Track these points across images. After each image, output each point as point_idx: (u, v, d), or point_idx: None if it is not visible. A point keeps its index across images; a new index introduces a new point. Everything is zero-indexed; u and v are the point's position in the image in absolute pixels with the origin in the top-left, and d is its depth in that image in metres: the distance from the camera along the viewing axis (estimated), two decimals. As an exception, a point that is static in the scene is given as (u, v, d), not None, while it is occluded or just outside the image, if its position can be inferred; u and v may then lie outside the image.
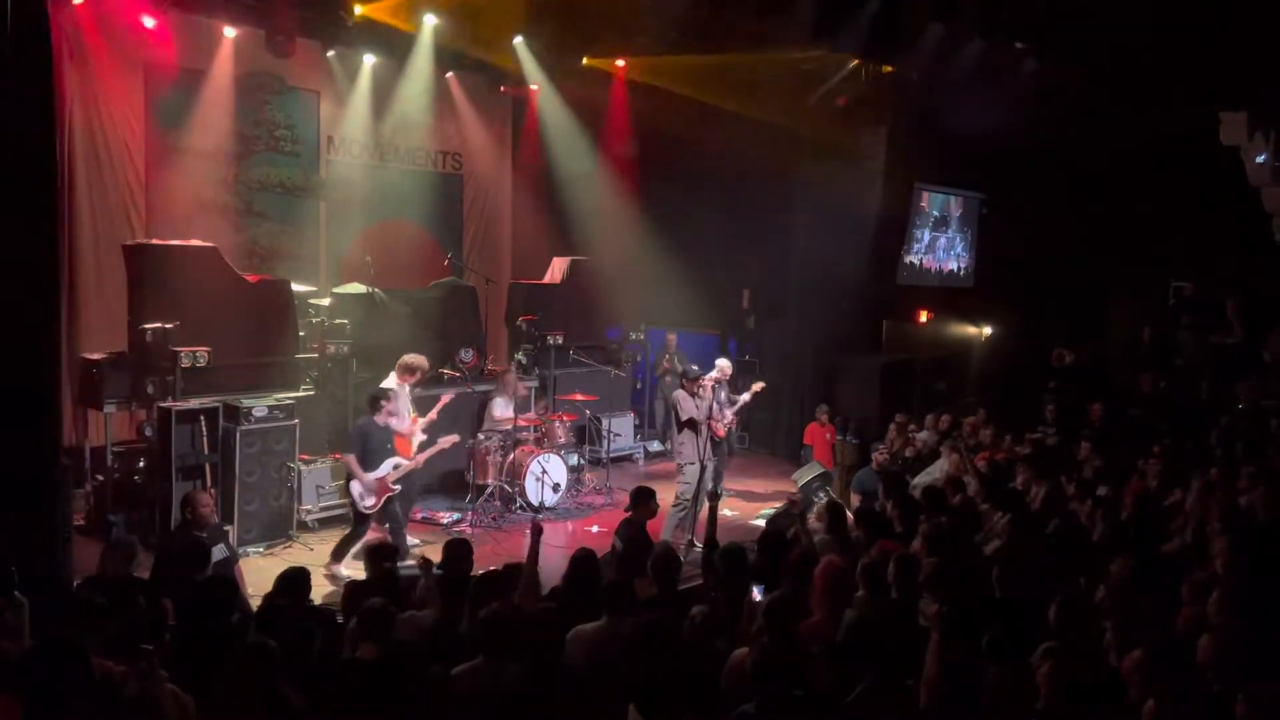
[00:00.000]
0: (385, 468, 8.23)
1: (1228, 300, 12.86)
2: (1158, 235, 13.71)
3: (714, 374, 9.63)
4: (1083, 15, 9.90)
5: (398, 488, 8.33)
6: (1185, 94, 11.96)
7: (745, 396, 10.40)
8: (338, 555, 8.21)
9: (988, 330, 15.67)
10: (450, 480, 10.66)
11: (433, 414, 9.15)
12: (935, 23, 10.01)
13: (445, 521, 9.80)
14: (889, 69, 12.54)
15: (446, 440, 8.82)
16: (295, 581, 5.40)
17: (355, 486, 8.19)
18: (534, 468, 10.20)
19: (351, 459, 8.17)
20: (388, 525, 8.47)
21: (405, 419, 8.80)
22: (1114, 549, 6.31)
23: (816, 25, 10.62)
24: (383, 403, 8.28)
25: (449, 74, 12.98)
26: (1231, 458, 9.38)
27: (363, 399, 9.07)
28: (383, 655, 4.48)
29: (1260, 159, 12.92)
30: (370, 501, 8.17)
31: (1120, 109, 12.25)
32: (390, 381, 8.89)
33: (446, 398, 9.46)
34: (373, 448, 8.20)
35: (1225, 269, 13.38)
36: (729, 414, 10.33)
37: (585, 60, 12.80)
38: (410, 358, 9.02)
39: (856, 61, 12.38)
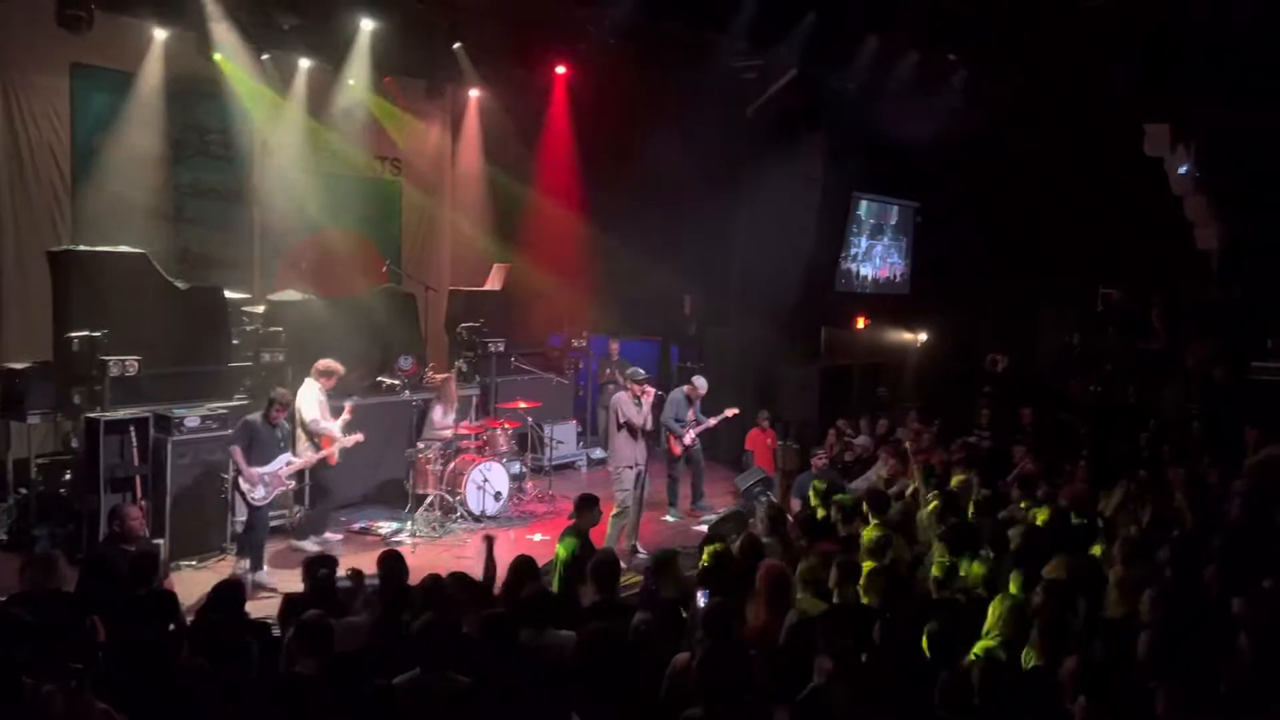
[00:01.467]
0: (278, 463, 8.35)
1: (1153, 307, 13.25)
2: (1086, 244, 14.10)
3: (685, 388, 10.48)
4: (1012, 29, 10.14)
5: (291, 483, 8.59)
6: (1111, 107, 12.33)
7: (712, 421, 10.84)
8: (255, 565, 8.22)
9: (923, 336, 15.95)
10: (389, 490, 10.52)
11: (346, 414, 9.14)
12: (871, 34, 10.17)
13: (384, 532, 9.67)
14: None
15: (349, 439, 9.01)
16: (229, 594, 5.27)
17: (242, 480, 8.23)
18: (475, 476, 10.11)
19: (235, 450, 8.20)
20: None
21: (329, 421, 9.02)
22: (1048, 551, 6.45)
23: (754, 35, 10.71)
24: (277, 406, 8.37)
25: (387, 78, 12.84)
26: (1158, 460, 9.65)
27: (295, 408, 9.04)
28: (322, 669, 4.40)
29: (1182, 170, 13.37)
30: (260, 493, 8.23)
31: (1049, 121, 12.58)
32: (308, 387, 9.05)
33: (351, 405, 9.36)
34: (260, 444, 8.28)
35: (1150, 277, 13.80)
36: (692, 432, 10.52)
37: (525, 66, 12.75)
38: (325, 362, 9.21)
39: (795, 72, 12.53)
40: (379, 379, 10.71)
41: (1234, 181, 13.82)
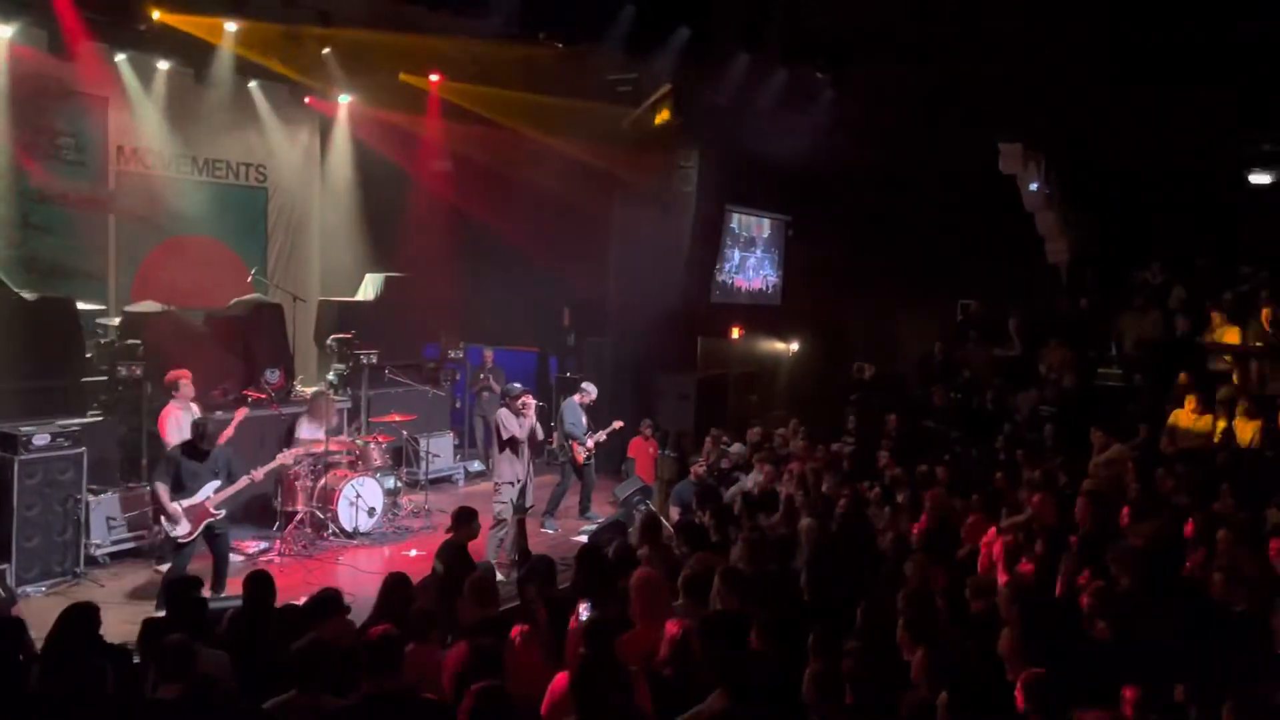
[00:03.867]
0: (205, 491, 7.77)
1: (1008, 317, 13.93)
2: (946, 256, 14.75)
3: (577, 396, 10.64)
4: (875, 49, 10.55)
5: (220, 512, 7.87)
6: (969, 125, 12.95)
7: (603, 435, 11.02)
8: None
9: (795, 346, 16.39)
10: (256, 507, 10.15)
11: (229, 430, 8.73)
12: (742, 51, 10.42)
13: (251, 551, 9.33)
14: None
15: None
16: (80, 618, 4.99)
17: (164, 518, 7.73)
18: (348, 492, 9.86)
19: (159, 487, 7.69)
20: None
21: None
22: (911, 553, 6.72)
23: (629, 48, 10.83)
24: (206, 431, 7.85)
25: (252, 83, 12.44)
26: (1014, 464, 10.14)
27: (155, 424, 8.71)
28: (186, 694, 4.22)
29: (1033, 186, 14.15)
30: (183, 529, 7.67)
31: (911, 138, 13.11)
32: (170, 405, 8.65)
33: (241, 414, 9.03)
34: (189, 475, 7.73)
35: (1006, 288, 14.52)
36: (589, 443, 10.57)
37: (400, 75, 12.55)
38: (170, 374, 8.80)
39: (669, 86, 12.71)
40: (245, 393, 10.33)
41: (1080, 198, 14.73)
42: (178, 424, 8.59)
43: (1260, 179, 13.05)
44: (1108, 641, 5.12)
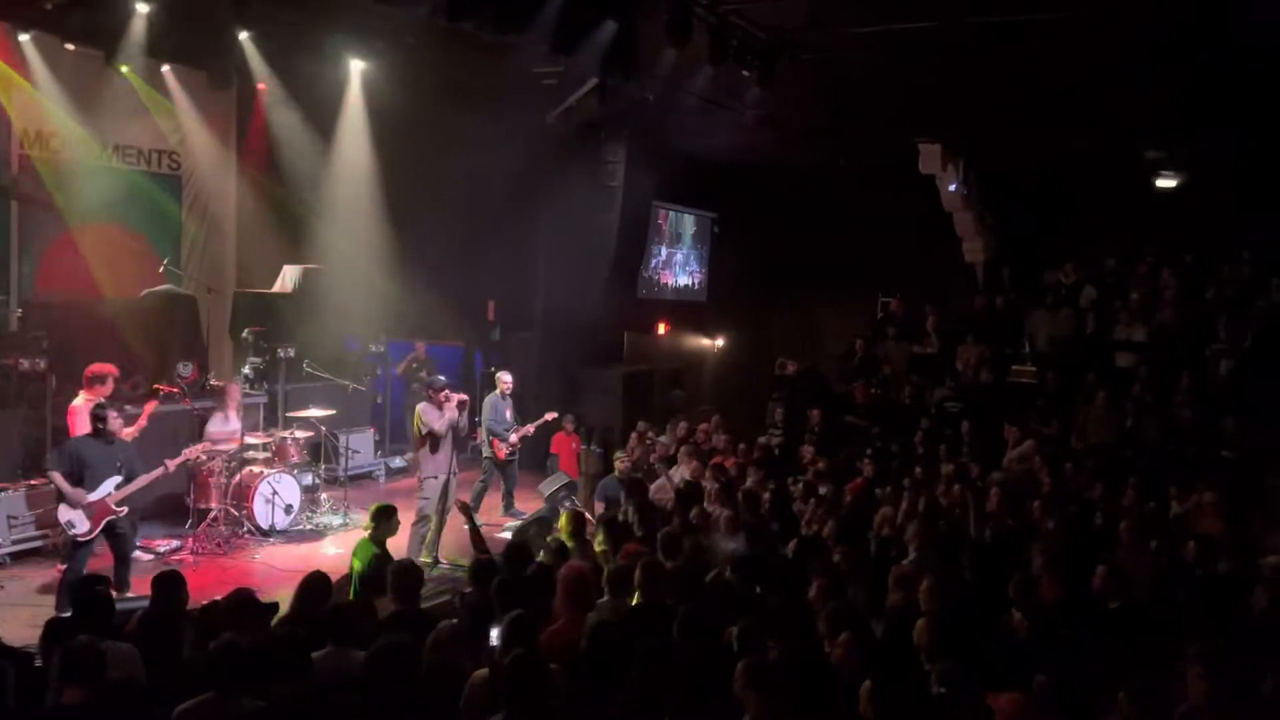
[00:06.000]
0: (106, 487, 7.47)
1: (927, 315, 14.24)
2: (868, 255, 15.01)
3: (497, 389, 10.66)
4: (800, 49, 10.65)
5: (123, 510, 7.57)
6: (890, 126, 13.18)
7: (530, 428, 10.95)
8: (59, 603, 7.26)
9: (720, 342, 16.51)
10: (167, 505, 9.84)
11: (142, 420, 8.50)
12: (668, 48, 10.41)
13: (162, 550, 9.04)
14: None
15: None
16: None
17: (64, 512, 7.37)
18: (263, 489, 9.63)
19: (55, 476, 7.35)
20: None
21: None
22: (834, 544, 6.82)
23: (555, 41, 10.74)
24: (106, 416, 7.51)
25: (165, 67, 12.03)
26: (933, 458, 10.37)
27: (63, 419, 8.36)
28: (91, 698, 4.06)
29: (952, 187, 14.48)
30: (83, 528, 7.36)
31: (834, 137, 13.30)
32: (80, 399, 8.22)
33: (151, 407, 8.74)
34: (91, 466, 7.40)
35: (925, 286, 14.83)
36: (514, 437, 10.47)
37: (318, 61, 12.24)
38: (94, 367, 8.34)
39: (595, 80, 12.65)
40: (156, 386, 10.00)
41: (996, 200, 15.12)
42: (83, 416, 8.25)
43: (1165, 183, 13.55)
44: (1025, 633, 5.27)
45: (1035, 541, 6.81)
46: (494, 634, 4.93)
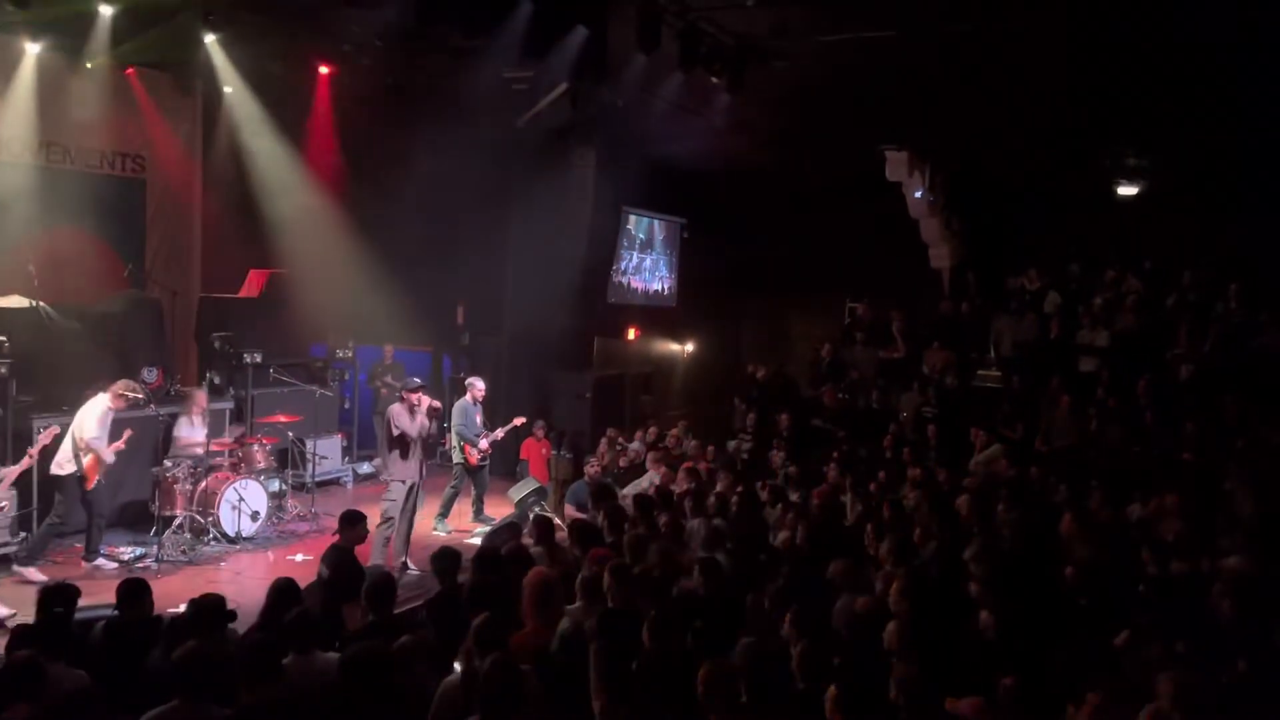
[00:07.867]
0: None
1: (893, 320, 14.36)
2: (835, 260, 15.12)
3: (468, 395, 10.50)
4: (768, 56, 10.73)
5: (3, 504, 7.74)
6: (858, 133, 13.29)
7: (500, 432, 10.88)
8: None
9: (690, 346, 16.55)
10: (132, 512, 9.73)
11: (121, 443, 8.59)
12: (638, 54, 10.45)
13: (126, 557, 8.93)
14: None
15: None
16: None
17: None
18: (230, 495, 9.53)
19: None
20: None
21: (104, 441, 8.47)
22: (804, 550, 6.85)
23: (526, 46, 10.74)
24: None
25: (129, 69, 11.88)
26: (899, 462, 10.45)
27: (24, 423, 8.40)
28: (37, 715, 4.00)
29: (918, 194, 14.63)
30: None
31: (802, 143, 13.39)
32: (97, 402, 8.49)
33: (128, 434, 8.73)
34: None
35: (891, 291, 14.96)
36: (484, 443, 10.42)
37: (286, 64, 12.15)
38: (125, 383, 8.74)
39: (565, 85, 12.65)
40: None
41: (961, 206, 15.29)
42: (96, 417, 8.48)
43: (1127, 191, 13.77)
44: (995, 634, 5.32)
45: (999, 546, 6.88)
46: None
